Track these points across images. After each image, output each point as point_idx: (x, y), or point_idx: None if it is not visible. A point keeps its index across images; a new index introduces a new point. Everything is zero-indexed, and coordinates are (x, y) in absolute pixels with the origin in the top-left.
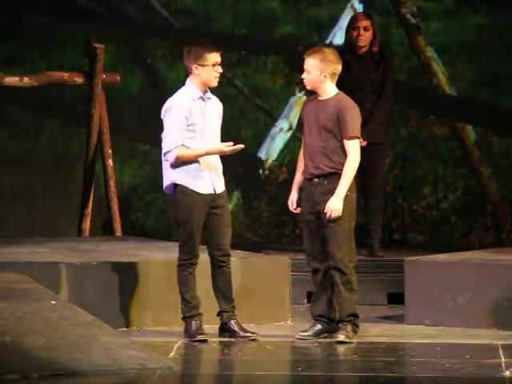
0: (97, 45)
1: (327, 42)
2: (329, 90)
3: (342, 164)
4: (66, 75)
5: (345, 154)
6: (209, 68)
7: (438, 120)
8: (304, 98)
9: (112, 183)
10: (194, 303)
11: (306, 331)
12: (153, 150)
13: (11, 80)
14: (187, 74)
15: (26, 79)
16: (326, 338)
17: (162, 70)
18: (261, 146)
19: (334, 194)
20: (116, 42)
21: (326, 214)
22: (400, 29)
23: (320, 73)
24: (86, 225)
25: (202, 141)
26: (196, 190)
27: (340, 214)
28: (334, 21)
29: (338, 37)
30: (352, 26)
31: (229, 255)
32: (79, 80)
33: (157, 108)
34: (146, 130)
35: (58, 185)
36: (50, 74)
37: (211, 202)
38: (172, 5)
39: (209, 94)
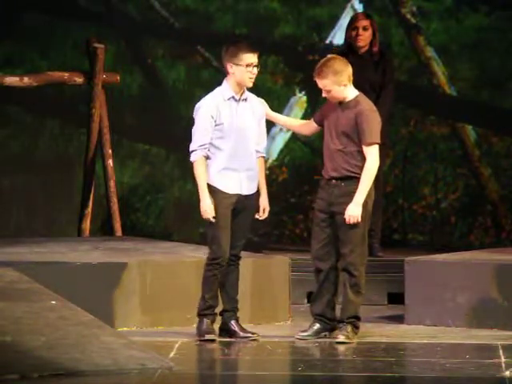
0: (97, 45)
1: (327, 42)
2: (348, 94)
3: (361, 168)
4: (65, 75)
5: (363, 158)
6: (242, 68)
7: (438, 120)
8: (304, 97)
9: (112, 183)
10: (210, 303)
11: (305, 331)
12: (153, 150)
13: (11, 80)
14: (224, 74)
15: (25, 79)
16: (325, 336)
17: (162, 69)
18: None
19: (353, 201)
20: (116, 42)
21: (341, 216)
22: (400, 29)
23: (339, 86)
24: (86, 225)
25: (229, 141)
26: (222, 188)
27: (359, 220)
28: (334, 21)
29: (338, 37)
30: (351, 26)
31: (240, 256)
32: (79, 80)
33: (157, 108)
34: (146, 130)
35: (58, 185)
36: (50, 74)
37: (237, 202)
38: (172, 5)
39: (245, 95)
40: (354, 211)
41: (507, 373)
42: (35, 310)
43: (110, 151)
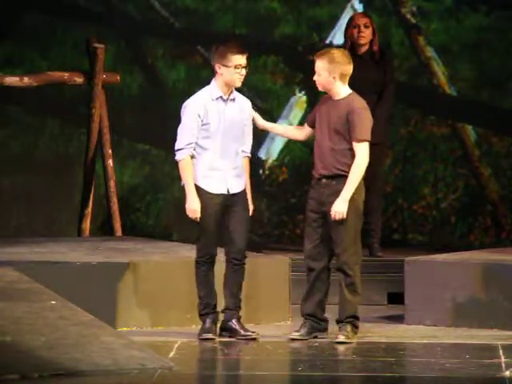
0: (97, 45)
1: (327, 42)
2: (340, 91)
3: (350, 166)
4: (66, 75)
5: (354, 157)
6: (231, 69)
7: (438, 120)
8: (304, 97)
9: (112, 183)
10: (206, 301)
11: (297, 331)
12: (153, 150)
13: (11, 80)
14: (213, 73)
15: (25, 79)
16: (316, 336)
17: (162, 69)
18: (261, 146)
19: (339, 197)
20: (116, 42)
21: (331, 215)
22: (400, 29)
23: (329, 74)
24: (86, 225)
25: (215, 141)
26: (207, 189)
27: (344, 217)
28: (334, 21)
29: (338, 37)
30: (352, 24)
31: (241, 255)
32: (79, 80)
33: (157, 108)
34: (146, 130)
35: (58, 185)
36: (50, 74)
37: (225, 201)
38: (172, 5)
39: (233, 95)
40: (339, 207)
41: (507, 373)
42: (35, 309)
43: (110, 151)
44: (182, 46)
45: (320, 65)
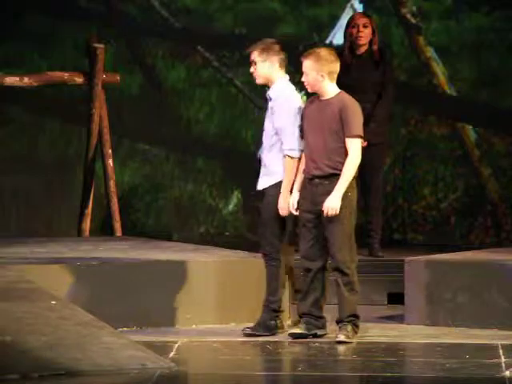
0: (97, 45)
1: (327, 42)
2: (329, 89)
3: (343, 164)
4: (66, 75)
5: (346, 155)
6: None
7: (438, 120)
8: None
9: (112, 183)
10: (279, 297)
11: (297, 327)
12: (153, 150)
13: (11, 80)
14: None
15: (26, 79)
16: (316, 333)
17: (162, 69)
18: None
19: (332, 193)
20: (116, 42)
21: (324, 211)
22: (400, 29)
23: (316, 73)
24: (86, 225)
25: None
26: None
27: (337, 212)
28: (334, 21)
29: (338, 37)
30: (351, 24)
31: (264, 253)
32: (79, 80)
33: (157, 108)
34: (146, 130)
35: (58, 185)
36: (50, 74)
37: (259, 197)
38: (172, 5)
39: (269, 92)
40: (332, 203)
41: (507, 373)
42: (35, 310)
43: (110, 151)
44: (182, 46)
45: (307, 64)
